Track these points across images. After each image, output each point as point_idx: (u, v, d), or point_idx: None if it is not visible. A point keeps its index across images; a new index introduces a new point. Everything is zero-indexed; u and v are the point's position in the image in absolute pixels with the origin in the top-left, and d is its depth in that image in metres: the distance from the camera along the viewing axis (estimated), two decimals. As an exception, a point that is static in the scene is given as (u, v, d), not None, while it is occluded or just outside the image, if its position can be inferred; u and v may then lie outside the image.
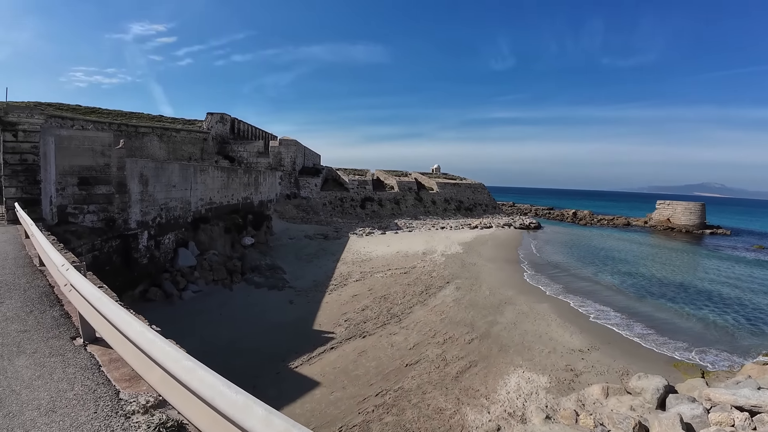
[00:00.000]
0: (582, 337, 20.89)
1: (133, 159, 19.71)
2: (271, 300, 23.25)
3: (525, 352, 18.69)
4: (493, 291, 28.33)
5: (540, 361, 17.78)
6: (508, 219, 69.04)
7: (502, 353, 18.56)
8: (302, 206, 50.41)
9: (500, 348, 19.10)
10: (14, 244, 10.83)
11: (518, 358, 18.09)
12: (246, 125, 58.03)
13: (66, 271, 4.32)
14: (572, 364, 17.68)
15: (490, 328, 21.51)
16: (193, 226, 25.53)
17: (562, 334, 21.10)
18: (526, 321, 22.85)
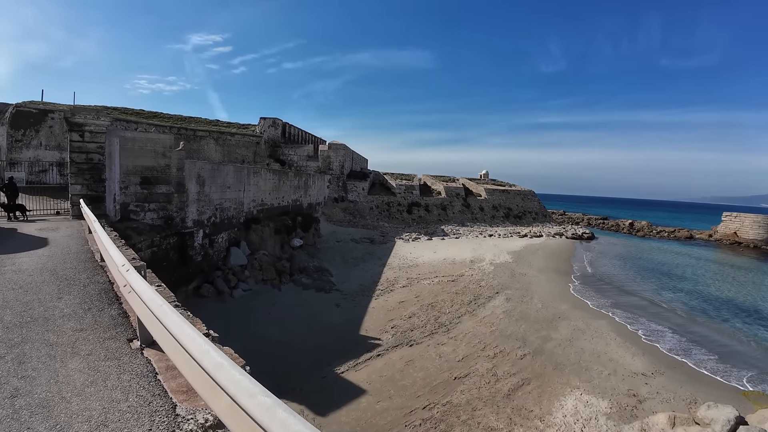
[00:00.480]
0: (645, 359, 19.36)
1: (192, 160, 20.36)
2: (318, 302, 23.30)
3: (582, 373, 17.52)
4: (546, 304, 27.01)
5: (599, 384, 16.58)
6: (560, 228, 66.29)
7: (558, 372, 17.49)
8: (349, 210, 50.70)
9: (555, 366, 18.02)
10: (77, 239, 11.27)
11: (575, 378, 16.97)
12: (296, 129, 59.31)
13: (126, 271, 4.21)
14: (635, 389, 16.36)
15: (544, 344, 20.42)
16: (245, 226, 26.10)
17: (623, 355, 19.66)
18: (583, 338, 21.51)
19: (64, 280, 6.76)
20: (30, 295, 5.93)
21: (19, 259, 8.50)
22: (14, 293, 6.03)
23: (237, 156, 44.33)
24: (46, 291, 6.18)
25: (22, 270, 7.50)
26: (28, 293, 6.05)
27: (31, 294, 6.00)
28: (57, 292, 6.13)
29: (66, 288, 6.31)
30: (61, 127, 33.01)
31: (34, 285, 6.50)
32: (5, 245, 10.30)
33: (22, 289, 6.29)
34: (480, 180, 75.03)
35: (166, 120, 44.91)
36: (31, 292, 6.13)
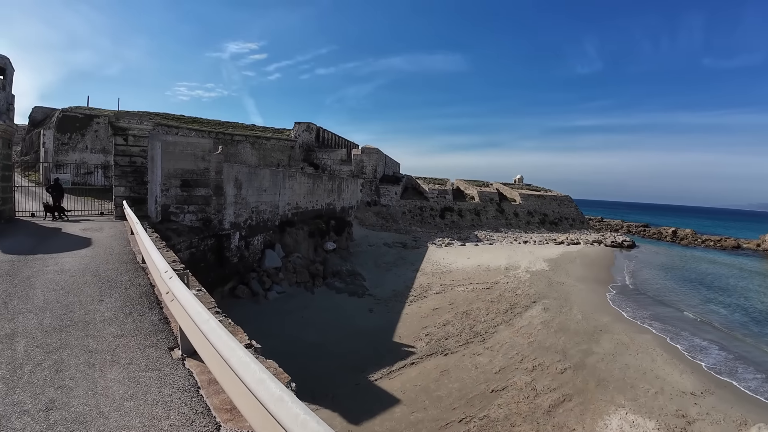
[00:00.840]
0: (694, 377, 18.10)
1: (229, 164, 20.59)
2: (351, 306, 23.09)
3: (627, 390, 16.52)
4: (586, 315, 25.82)
5: (645, 403, 15.57)
6: (598, 235, 63.88)
7: (601, 389, 16.54)
8: (382, 214, 50.49)
9: (598, 382, 17.06)
10: (120, 240, 11.42)
11: (620, 396, 16.01)
12: (329, 134, 59.72)
13: (169, 279, 4.03)
14: (684, 409, 15.27)
15: (585, 358, 19.43)
16: (279, 229, 26.25)
17: (671, 373, 18.46)
18: (627, 353, 20.35)
19: (106, 282, 6.72)
20: (71, 297, 5.89)
21: (62, 259, 8.61)
22: (55, 294, 6.01)
23: (272, 160, 44.95)
24: (87, 293, 6.14)
25: (64, 270, 7.55)
26: (69, 295, 6.02)
27: (72, 296, 5.96)
28: (98, 294, 6.07)
29: (107, 290, 6.25)
30: (105, 131, 34.29)
31: (76, 286, 6.48)
32: (49, 244, 10.54)
33: (64, 290, 6.27)
34: (514, 185, 73.41)
35: (205, 125, 46.08)
36: (72, 293, 6.09)
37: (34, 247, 10.00)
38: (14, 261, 8.30)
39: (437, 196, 58.14)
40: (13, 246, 10.16)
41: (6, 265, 7.84)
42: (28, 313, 5.22)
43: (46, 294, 6.01)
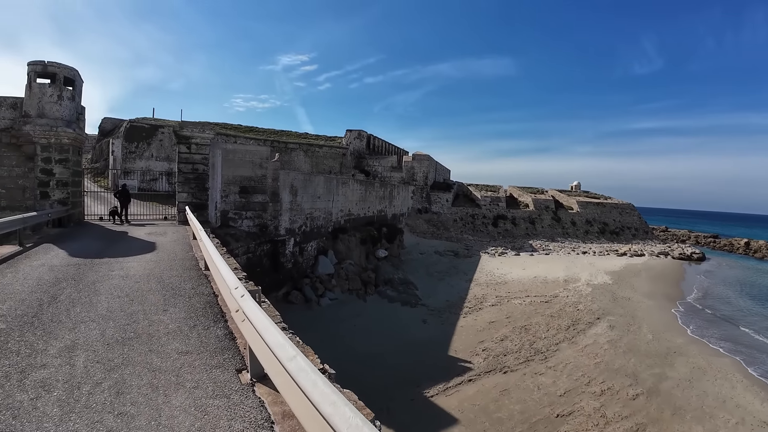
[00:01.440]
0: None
1: (285, 171, 20.70)
2: (404, 316, 22.48)
3: (706, 420, 14.81)
4: (657, 335, 23.71)
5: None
6: (664, 246, 59.50)
7: (677, 419, 14.92)
8: (433, 221, 49.63)
9: (674, 411, 15.42)
10: (183, 245, 11.49)
11: (698, 426, 14.37)
12: (380, 141, 59.74)
13: (240, 297, 3.65)
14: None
15: (659, 383, 17.72)
16: (332, 236, 26.17)
17: (752, 401, 16.46)
18: (704, 379, 18.38)
19: (170, 290, 6.54)
20: (135, 305, 5.70)
21: (128, 263, 8.63)
22: (119, 302, 5.85)
23: (324, 167, 45.44)
24: (151, 301, 5.94)
25: (129, 275, 7.49)
26: (134, 302, 5.84)
27: (136, 304, 5.78)
28: (162, 303, 5.85)
29: (171, 299, 6.04)
30: (169, 140, 35.89)
31: (140, 293, 6.32)
32: (116, 248, 10.74)
33: (128, 297, 6.12)
34: (571, 192, 70.10)
35: (261, 133, 47.40)
36: (137, 301, 5.91)
37: (101, 251, 10.20)
38: (80, 265, 8.39)
39: (490, 203, 56.49)
40: (80, 249, 10.43)
41: (72, 269, 7.92)
42: (90, 322, 5.04)
43: (110, 301, 5.87)
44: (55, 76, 15.72)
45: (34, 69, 15.52)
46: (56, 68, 15.73)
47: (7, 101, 15.80)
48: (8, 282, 6.90)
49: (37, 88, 15.57)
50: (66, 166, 16.12)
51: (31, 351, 4.19)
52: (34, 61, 15.56)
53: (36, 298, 6.04)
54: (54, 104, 15.75)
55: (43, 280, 7.12)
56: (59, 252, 9.92)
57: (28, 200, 15.92)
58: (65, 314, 5.31)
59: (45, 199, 15.86)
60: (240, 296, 3.77)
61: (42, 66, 15.56)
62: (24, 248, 10.51)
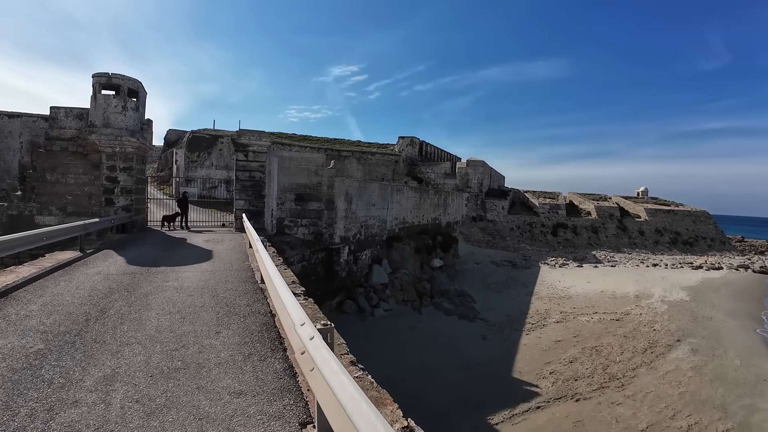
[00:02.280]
0: None
1: (341, 178, 20.21)
2: (461, 331, 21.21)
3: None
4: (745, 361, 20.90)
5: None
6: (743, 258, 53.73)
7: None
8: (488, 230, 47.74)
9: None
10: (239, 254, 11.06)
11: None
12: (432, 147, 58.63)
13: (309, 340, 2.79)
14: None
15: (750, 416, 15.52)
16: (387, 244, 25.40)
17: None
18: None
19: (224, 306, 5.91)
20: (186, 325, 5.07)
21: (183, 273, 8.20)
22: (170, 320, 5.25)
23: (377, 174, 44.99)
24: (203, 319, 5.30)
25: (183, 287, 6.99)
26: (185, 321, 5.22)
27: (187, 323, 5.15)
28: (215, 323, 5.20)
29: (225, 318, 5.38)
30: (228, 150, 36.79)
31: (193, 309, 5.72)
32: (173, 256, 10.48)
33: (180, 314, 5.52)
34: (638, 198, 65.37)
35: (314, 142, 47.79)
36: (188, 319, 5.30)
37: (158, 259, 9.93)
38: (136, 274, 8.05)
39: (548, 211, 53.66)
40: (138, 256, 10.23)
41: (127, 279, 7.56)
42: (136, 344, 4.43)
43: (160, 318, 5.29)
44: (119, 87, 16.09)
45: (99, 81, 15.95)
46: (120, 80, 16.09)
47: (73, 112, 16.35)
48: (59, 291, 6.56)
49: (102, 99, 15.97)
50: (130, 173, 16.41)
51: (66, 381, 3.59)
52: (98, 73, 16.01)
53: (84, 311, 5.59)
54: (118, 114, 16.10)
55: (96, 290, 6.74)
56: (117, 259, 9.73)
57: (94, 206, 16.34)
58: (111, 333, 4.76)
59: (110, 206, 16.20)
60: (308, 338, 2.94)
61: (106, 78, 15.97)
62: (84, 254, 10.47)
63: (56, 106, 16.41)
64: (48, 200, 16.34)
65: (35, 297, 6.27)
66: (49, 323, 5.10)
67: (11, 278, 7.44)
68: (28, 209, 16.27)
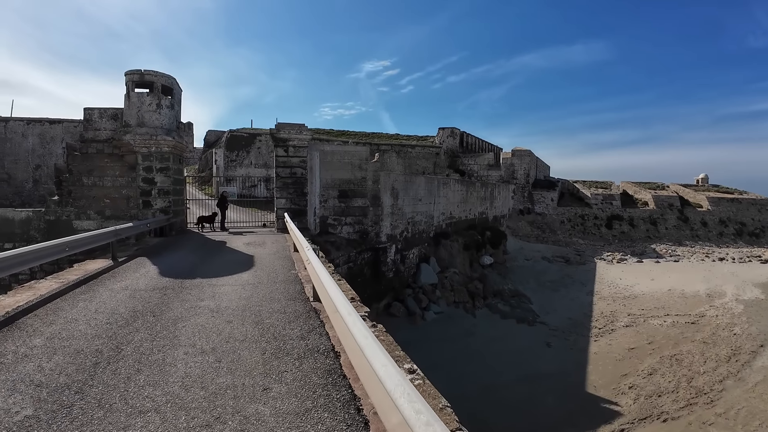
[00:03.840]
0: None
1: (386, 172, 18.75)
2: (522, 336, 19.33)
3: None
4: None
5: None
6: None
7: None
8: (537, 223, 45.07)
9: None
10: (283, 259, 9.77)
11: None
12: (473, 138, 56.23)
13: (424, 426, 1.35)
14: None
15: None
16: (434, 241, 23.76)
17: None
18: None
19: (272, 340, 4.52)
20: (223, 374, 3.70)
21: (221, 287, 6.93)
22: (201, 364, 3.90)
23: (417, 168, 43.28)
24: (246, 364, 3.92)
25: (220, 309, 5.68)
26: (221, 367, 3.86)
27: (224, 370, 3.78)
28: (261, 370, 3.80)
29: (274, 360, 3.98)
30: (267, 148, 36.15)
31: (232, 346, 4.37)
32: (211, 263, 9.31)
33: (215, 353, 4.17)
34: (698, 186, 60.38)
35: (352, 136, 46.58)
36: (226, 363, 3.93)
37: (194, 267, 8.77)
38: (167, 289, 6.86)
39: (601, 202, 50.21)
40: (173, 265, 9.12)
41: (156, 296, 6.35)
42: (152, 413, 3.08)
43: (189, 362, 3.94)
44: (152, 84, 15.21)
45: (132, 78, 15.12)
46: (153, 76, 15.20)
47: (107, 112, 15.62)
48: (74, 316, 5.40)
49: (136, 98, 15.15)
50: (167, 174, 15.55)
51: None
52: (131, 70, 15.16)
53: (95, 348, 4.35)
54: (153, 113, 15.23)
55: (117, 313, 5.54)
56: (150, 269, 8.64)
57: (132, 209, 15.61)
58: (122, 388, 3.45)
59: (147, 209, 15.41)
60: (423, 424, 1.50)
61: (139, 75, 15.12)
62: (116, 263, 9.48)
63: (90, 107, 15.73)
64: (86, 204, 15.73)
65: (44, 325, 5.12)
66: (48, 369, 3.87)
67: (26, 297, 6.40)
68: (65, 214, 15.72)
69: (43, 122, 25.87)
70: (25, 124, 25.82)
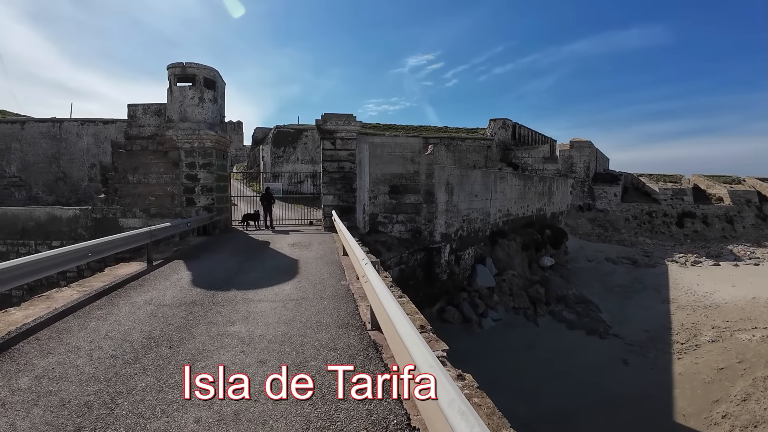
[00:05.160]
0: None
1: (440, 166, 17.22)
2: (593, 351, 17.20)
3: None
4: None
5: None
6: None
7: None
8: (598, 220, 41.81)
9: None
10: (330, 266, 8.51)
11: None
12: (526, 129, 53.17)
13: None
14: None
15: None
16: (490, 241, 21.94)
17: None
18: None
19: (319, 403, 3.18)
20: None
21: (257, 305, 5.75)
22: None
23: (468, 161, 41.21)
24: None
25: (253, 339, 4.46)
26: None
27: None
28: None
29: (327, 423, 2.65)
30: (313, 143, 35.50)
31: (262, 411, 3.06)
32: (251, 270, 8.20)
33: (237, 424, 2.87)
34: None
35: (399, 130, 45.11)
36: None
37: (231, 275, 7.68)
38: (196, 304, 5.77)
39: (671, 197, 45.96)
40: (209, 270, 8.10)
41: (180, 315, 5.24)
42: None
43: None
44: (194, 77, 14.46)
45: (174, 72, 14.42)
46: (195, 69, 14.44)
47: (151, 108, 15.05)
48: (78, 343, 4.37)
49: (178, 92, 14.46)
50: (210, 170, 14.80)
51: None
52: (173, 63, 14.46)
53: (85, 401, 3.23)
54: (195, 107, 14.50)
55: (129, 341, 4.45)
56: (183, 275, 7.65)
57: (176, 207, 15.01)
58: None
59: (191, 206, 14.74)
60: None
61: (181, 68, 14.39)
62: (150, 266, 8.60)
63: (134, 104, 15.24)
64: (131, 202, 15.30)
65: (40, 356, 4.10)
66: None
67: (38, 311, 5.49)
68: (111, 212, 15.36)
69: (96, 122, 26.26)
70: (79, 124, 26.30)
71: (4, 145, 25.58)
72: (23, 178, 25.83)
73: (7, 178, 25.58)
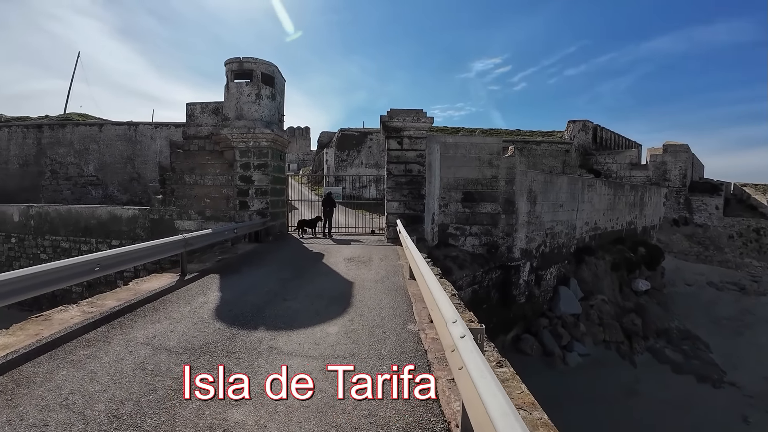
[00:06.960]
0: None
1: (523, 171, 14.83)
2: (706, 404, 13.86)
3: None
4: None
5: None
6: None
7: None
8: (696, 237, 36.52)
9: None
10: (394, 296, 6.67)
11: None
12: (608, 132, 48.28)
13: None
14: None
15: None
16: (575, 258, 19.07)
17: None
18: None
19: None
20: None
21: (285, 360, 4.03)
22: None
23: (543, 167, 37.81)
24: None
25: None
26: None
27: None
28: None
29: None
30: (378, 147, 34.16)
31: None
32: (294, 294, 6.57)
33: None
34: None
35: (469, 132, 42.67)
36: None
37: (266, 303, 6.09)
38: (205, 352, 4.18)
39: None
40: (243, 292, 6.59)
41: (174, 374, 3.64)
42: None
43: None
44: (251, 73, 13.36)
45: (231, 68, 13.40)
46: (252, 64, 13.33)
47: (209, 106, 14.19)
48: (19, 413, 2.88)
49: (234, 89, 13.42)
50: (265, 171, 13.62)
51: None
52: (231, 59, 13.44)
53: None
54: (252, 104, 13.39)
55: (84, 418, 2.89)
56: (209, 299, 6.19)
57: (231, 210, 14.03)
58: None
59: (244, 210, 13.64)
60: None
61: (238, 63, 13.34)
62: (181, 280, 7.31)
63: (192, 102, 14.49)
64: (187, 203, 14.54)
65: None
66: None
67: (20, 340, 4.20)
68: (168, 213, 14.70)
69: (169, 126, 26.68)
70: (153, 127, 26.88)
71: (83, 146, 26.68)
72: (100, 177, 26.76)
73: (85, 177, 26.62)
